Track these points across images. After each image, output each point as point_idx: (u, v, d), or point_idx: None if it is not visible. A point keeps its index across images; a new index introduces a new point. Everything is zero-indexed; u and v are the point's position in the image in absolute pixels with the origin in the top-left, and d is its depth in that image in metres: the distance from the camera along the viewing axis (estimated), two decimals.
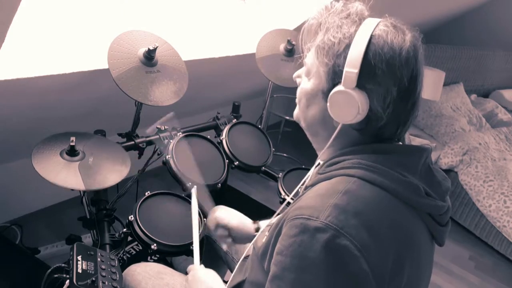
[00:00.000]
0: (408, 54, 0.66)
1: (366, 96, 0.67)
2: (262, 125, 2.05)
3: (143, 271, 1.09)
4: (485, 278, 2.36)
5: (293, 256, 0.64)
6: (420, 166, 0.72)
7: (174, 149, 1.41)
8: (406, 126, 0.72)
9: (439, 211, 0.73)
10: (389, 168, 0.68)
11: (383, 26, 0.68)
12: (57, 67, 1.26)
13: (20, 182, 1.77)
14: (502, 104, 3.79)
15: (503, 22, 3.72)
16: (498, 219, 2.50)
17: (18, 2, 0.87)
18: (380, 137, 0.72)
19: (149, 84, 1.32)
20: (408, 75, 0.67)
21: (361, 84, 0.67)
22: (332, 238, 0.61)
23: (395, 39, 0.67)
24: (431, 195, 0.71)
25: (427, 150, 0.74)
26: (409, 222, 0.70)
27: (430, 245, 0.77)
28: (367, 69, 0.66)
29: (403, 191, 0.67)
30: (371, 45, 0.66)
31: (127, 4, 1.52)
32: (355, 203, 0.64)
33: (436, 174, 0.75)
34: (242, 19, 1.96)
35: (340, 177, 0.69)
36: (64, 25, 1.31)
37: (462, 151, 2.78)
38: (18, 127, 1.51)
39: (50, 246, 1.83)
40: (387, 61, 0.66)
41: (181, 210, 1.31)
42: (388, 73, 0.66)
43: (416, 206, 0.70)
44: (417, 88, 0.69)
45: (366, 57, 0.66)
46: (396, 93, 0.66)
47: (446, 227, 0.77)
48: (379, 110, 0.67)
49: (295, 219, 0.65)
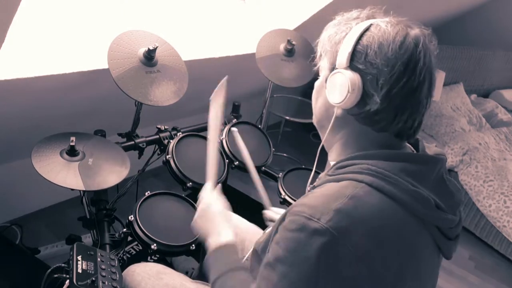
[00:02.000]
0: (404, 39, 0.67)
1: (359, 76, 0.68)
2: (262, 125, 2.05)
3: (142, 271, 1.08)
4: (485, 278, 2.36)
5: (287, 249, 0.64)
6: (432, 177, 0.70)
7: (174, 149, 1.41)
8: (405, 116, 0.69)
9: (448, 225, 0.71)
10: (400, 177, 0.66)
11: (387, 19, 0.70)
12: (57, 67, 1.26)
13: (20, 182, 1.77)
14: (502, 104, 3.79)
15: (503, 22, 3.72)
16: (498, 219, 2.50)
17: (18, 2, 0.87)
18: (381, 128, 0.70)
19: (149, 84, 1.32)
20: (404, 60, 0.66)
21: (353, 65, 0.68)
22: (329, 243, 0.61)
23: (392, 27, 0.68)
24: (441, 207, 0.69)
25: (442, 161, 0.73)
26: (414, 233, 0.68)
27: (436, 258, 0.75)
28: (359, 50, 0.68)
29: (411, 202, 0.66)
30: (368, 31, 0.69)
31: (127, 4, 1.52)
32: (360, 209, 0.63)
33: (449, 185, 0.73)
34: (242, 19, 1.96)
35: (348, 181, 0.67)
36: (64, 25, 1.31)
37: (462, 151, 2.78)
38: (18, 127, 1.51)
39: (50, 246, 1.83)
40: (379, 43, 0.67)
41: (181, 210, 1.31)
42: (379, 54, 0.66)
43: (424, 218, 0.68)
44: (416, 76, 0.67)
45: (360, 40, 0.68)
46: (388, 75, 0.66)
47: (455, 241, 0.75)
48: (373, 92, 0.67)
49: (296, 214, 0.65)
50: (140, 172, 1.50)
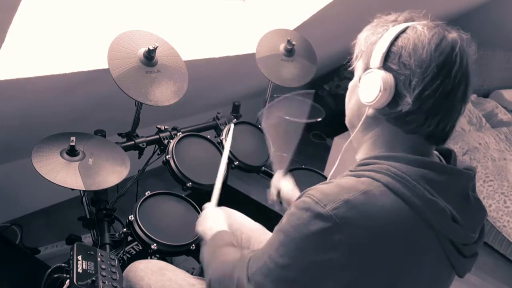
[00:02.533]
0: (440, 42, 0.66)
1: (392, 76, 0.68)
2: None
3: (145, 267, 1.09)
4: (485, 278, 2.36)
5: (289, 223, 0.68)
6: (456, 190, 0.69)
7: (174, 149, 1.41)
8: (436, 119, 0.68)
9: (463, 241, 0.70)
10: (418, 183, 0.65)
11: (424, 22, 0.69)
12: (57, 67, 1.26)
13: (20, 182, 1.77)
14: (502, 104, 3.79)
15: (503, 22, 3.72)
16: (498, 219, 2.50)
17: (18, 2, 0.87)
18: (411, 130, 0.70)
19: (149, 84, 1.32)
20: (439, 63, 0.65)
21: (386, 66, 0.68)
22: (329, 230, 0.62)
23: (428, 30, 0.67)
24: (458, 221, 0.67)
25: (469, 176, 0.71)
26: (421, 240, 0.67)
27: (444, 272, 0.73)
28: (394, 51, 0.68)
29: (425, 209, 0.65)
30: (404, 33, 0.68)
31: (127, 4, 1.52)
32: (369, 205, 0.64)
33: (473, 201, 0.72)
34: (242, 19, 1.95)
35: (366, 178, 0.68)
36: (64, 25, 1.31)
37: (462, 151, 2.78)
38: (18, 127, 1.51)
39: (50, 246, 1.84)
40: (414, 44, 0.66)
41: (181, 210, 1.31)
42: (413, 55, 0.66)
43: (437, 229, 0.67)
44: (451, 80, 0.66)
45: (395, 41, 0.68)
46: (421, 77, 0.65)
47: (471, 259, 0.74)
48: (405, 93, 0.67)
49: (307, 196, 0.67)
50: (140, 172, 1.50)
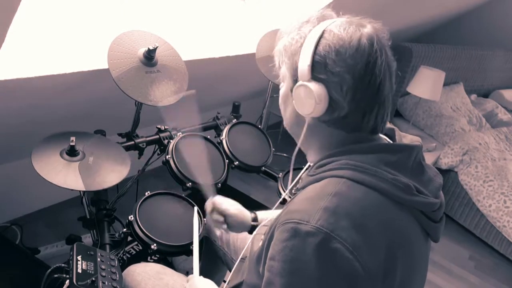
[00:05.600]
0: (359, 42, 0.67)
1: (323, 86, 0.69)
2: (262, 125, 2.05)
3: (142, 271, 1.09)
4: (485, 278, 2.36)
5: (284, 261, 0.64)
6: (410, 164, 0.72)
7: (174, 149, 1.41)
8: (373, 114, 0.71)
9: (431, 208, 0.73)
10: (378, 167, 0.68)
11: (338, 22, 0.70)
12: (57, 67, 1.26)
13: (20, 182, 1.77)
14: (502, 104, 3.79)
15: (503, 22, 3.72)
16: (498, 219, 2.50)
17: (18, 2, 0.87)
18: (352, 129, 0.72)
19: (149, 84, 1.32)
20: (363, 62, 0.67)
21: (315, 76, 0.69)
22: (323, 242, 0.61)
23: (344, 31, 0.68)
24: (422, 192, 0.71)
25: (417, 148, 0.74)
26: (401, 220, 0.70)
27: (424, 243, 0.76)
28: (318, 61, 0.69)
29: (393, 189, 0.67)
30: (322, 39, 0.69)
31: (127, 4, 1.52)
32: (345, 204, 0.65)
33: (427, 170, 0.76)
34: (242, 19, 1.96)
35: (329, 178, 0.69)
36: (64, 25, 1.31)
37: (462, 151, 2.78)
38: (18, 127, 1.51)
39: (50, 246, 1.84)
40: (336, 50, 0.67)
41: (181, 210, 1.31)
42: (338, 62, 0.67)
43: (407, 204, 0.70)
44: (377, 75, 0.68)
45: (317, 50, 0.69)
46: (351, 80, 0.67)
47: (440, 223, 0.77)
48: (339, 98, 0.69)
49: (286, 223, 0.65)
50: (140, 172, 1.50)
